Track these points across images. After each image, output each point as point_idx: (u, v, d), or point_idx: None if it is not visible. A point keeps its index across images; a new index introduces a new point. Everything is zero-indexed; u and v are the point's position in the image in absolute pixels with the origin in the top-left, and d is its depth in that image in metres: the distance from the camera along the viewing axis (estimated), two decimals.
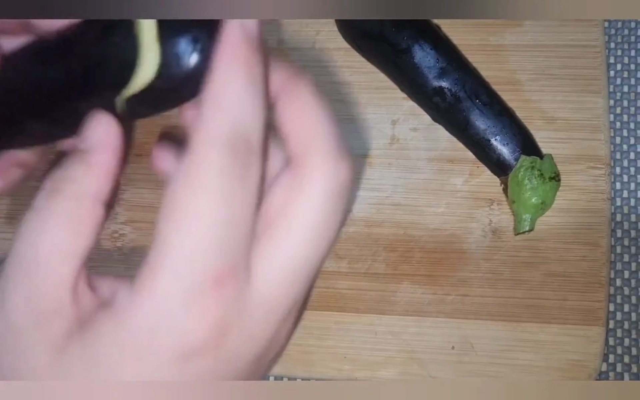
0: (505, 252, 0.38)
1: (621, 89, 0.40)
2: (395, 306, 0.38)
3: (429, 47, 0.38)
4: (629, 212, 0.39)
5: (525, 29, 0.40)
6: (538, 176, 0.36)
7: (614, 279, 0.38)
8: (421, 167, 0.39)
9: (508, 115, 0.38)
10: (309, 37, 0.42)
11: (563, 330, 0.37)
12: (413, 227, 0.39)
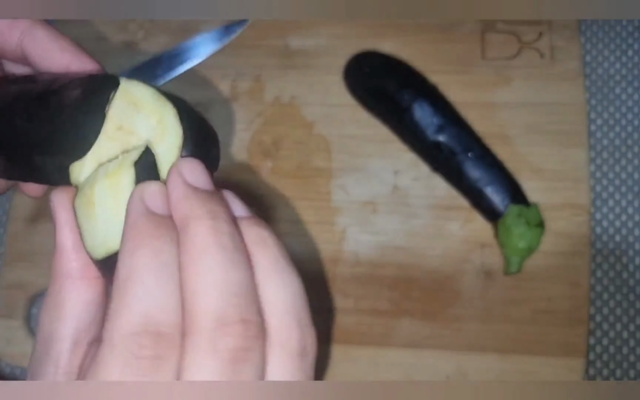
0: (496, 291, 0.40)
1: (601, 142, 0.44)
2: (396, 339, 0.40)
3: (427, 105, 0.42)
4: (608, 254, 0.42)
5: (514, 88, 0.44)
6: (525, 223, 0.39)
7: (594, 316, 0.41)
8: (421, 214, 0.42)
9: (498, 167, 0.41)
10: (319, 93, 0.45)
11: (547, 361, 0.39)
12: (413, 268, 0.41)
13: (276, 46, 0.46)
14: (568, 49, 0.44)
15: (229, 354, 0.16)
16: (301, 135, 0.44)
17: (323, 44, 0.46)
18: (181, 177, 0.18)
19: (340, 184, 0.43)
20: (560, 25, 0.45)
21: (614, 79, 0.45)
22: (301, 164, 0.44)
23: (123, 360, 0.16)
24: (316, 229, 0.42)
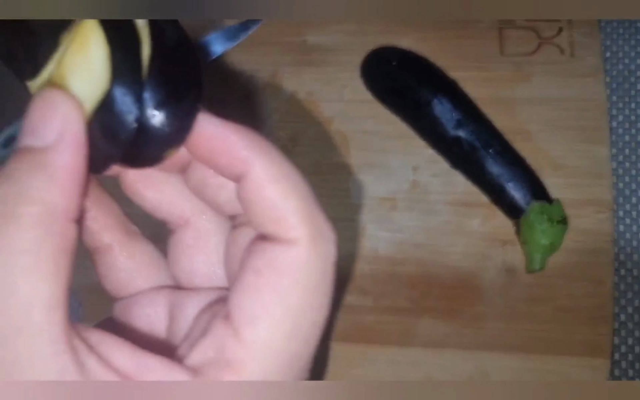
0: (518, 289, 0.40)
1: (623, 138, 0.43)
2: (417, 339, 0.40)
3: (447, 101, 0.42)
4: (632, 252, 0.41)
5: (534, 84, 0.44)
6: (547, 220, 0.39)
7: (618, 314, 0.40)
8: (440, 210, 0.42)
9: (519, 163, 0.41)
10: (336, 89, 0.45)
11: (571, 361, 0.39)
12: (433, 266, 0.41)
13: (293, 42, 0.46)
14: (588, 45, 0.44)
15: None
16: (319, 131, 0.44)
17: (340, 40, 0.46)
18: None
19: (359, 180, 0.43)
20: (580, 21, 0.44)
21: (634, 75, 0.44)
22: (319, 161, 0.44)
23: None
24: (334, 226, 0.42)
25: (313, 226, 0.16)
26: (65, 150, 0.15)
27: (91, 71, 0.16)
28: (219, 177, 0.18)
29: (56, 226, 0.14)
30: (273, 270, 0.16)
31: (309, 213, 0.16)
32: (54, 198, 0.14)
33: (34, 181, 0.14)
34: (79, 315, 0.44)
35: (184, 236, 0.20)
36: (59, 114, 0.15)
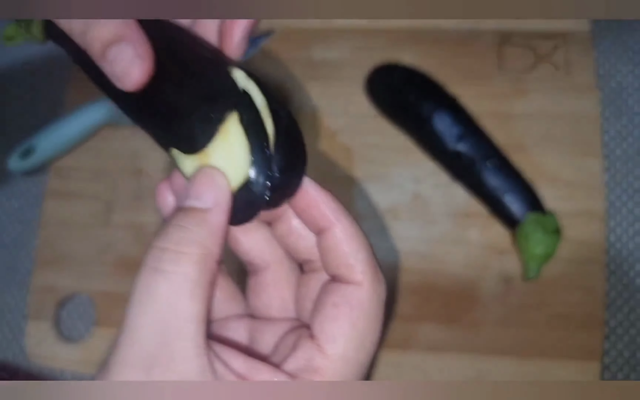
0: (514, 296, 0.42)
1: (615, 152, 0.45)
2: (418, 343, 0.41)
3: (447, 116, 0.43)
4: (623, 261, 0.43)
5: (530, 99, 0.45)
6: (542, 230, 0.40)
7: (608, 320, 0.42)
8: (441, 221, 0.43)
9: (516, 175, 0.42)
10: (341, 104, 0.46)
11: (564, 364, 0.40)
12: (433, 274, 0.42)
13: (299, 58, 0.48)
14: (582, 62, 0.46)
15: None
16: (324, 144, 0.46)
17: (345, 56, 0.47)
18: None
19: (363, 192, 0.45)
20: (575, 39, 0.46)
21: (627, 91, 0.46)
22: (324, 172, 0.45)
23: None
24: None
25: (374, 273, 0.22)
26: (220, 213, 0.21)
27: (235, 159, 0.21)
28: (301, 229, 0.23)
29: (210, 265, 0.20)
30: (347, 303, 0.21)
31: (372, 263, 0.22)
32: (210, 245, 0.20)
33: (199, 231, 0.20)
34: (93, 318, 0.46)
35: (265, 277, 0.25)
36: (217, 185, 0.21)
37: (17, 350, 0.46)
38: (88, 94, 0.48)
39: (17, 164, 0.47)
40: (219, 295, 0.25)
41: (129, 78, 0.21)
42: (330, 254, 0.22)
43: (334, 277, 0.22)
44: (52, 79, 0.52)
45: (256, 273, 0.25)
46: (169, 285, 0.19)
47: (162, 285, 0.19)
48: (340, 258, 0.22)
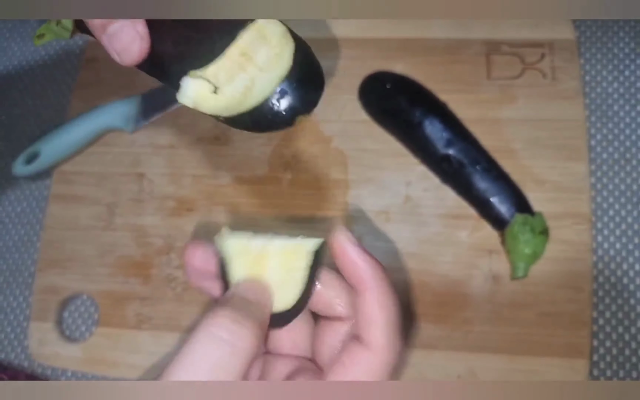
0: (503, 295, 0.43)
1: (601, 156, 0.46)
2: (410, 340, 0.42)
3: (437, 121, 0.44)
4: (609, 261, 0.44)
5: (518, 106, 0.47)
6: (530, 231, 0.41)
7: (597, 319, 0.43)
8: (431, 222, 0.45)
9: (504, 178, 0.44)
10: (336, 110, 0.48)
11: (553, 361, 0.41)
12: (425, 274, 0.43)
13: None
14: (568, 70, 0.47)
15: None
16: (319, 149, 0.47)
17: (339, 65, 0.49)
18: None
19: (356, 194, 0.46)
20: (561, 47, 0.48)
21: (612, 97, 0.48)
22: (319, 176, 0.47)
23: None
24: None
25: (390, 341, 0.24)
26: (268, 312, 0.25)
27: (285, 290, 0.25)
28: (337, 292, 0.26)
29: (258, 350, 0.23)
30: (355, 365, 0.24)
31: (392, 333, 0.24)
32: (263, 332, 0.24)
33: (261, 315, 0.24)
34: (95, 318, 0.47)
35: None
36: (269, 294, 0.25)
37: (20, 350, 0.48)
38: (91, 101, 0.50)
39: (22, 169, 0.48)
40: None
41: (129, 54, 0.23)
42: (360, 315, 0.24)
43: (356, 337, 0.24)
44: (57, 86, 0.54)
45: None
46: (229, 357, 0.22)
47: (224, 356, 0.22)
48: (367, 320, 0.24)
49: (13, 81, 0.55)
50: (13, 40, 0.57)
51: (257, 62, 0.24)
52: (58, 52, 0.56)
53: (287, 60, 0.25)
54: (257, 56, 0.24)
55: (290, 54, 0.25)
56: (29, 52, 0.56)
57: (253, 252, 0.25)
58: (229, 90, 0.24)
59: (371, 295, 0.24)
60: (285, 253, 0.25)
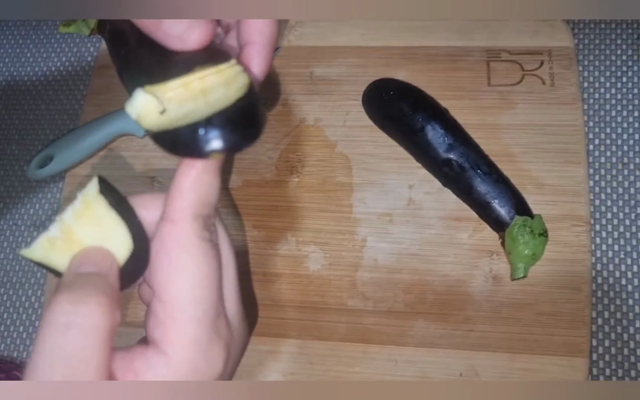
0: (504, 295, 0.43)
1: (599, 160, 0.48)
2: (412, 339, 0.43)
3: (439, 126, 0.45)
4: (608, 262, 0.45)
5: (518, 111, 0.48)
6: (529, 232, 0.42)
7: (595, 319, 0.44)
8: (433, 224, 0.46)
9: (504, 182, 0.44)
10: (340, 116, 0.50)
11: (552, 360, 0.42)
12: (427, 274, 0.45)
13: (301, 74, 0.51)
14: (567, 76, 0.48)
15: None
16: (324, 154, 0.49)
17: (344, 72, 0.51)
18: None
19: (360, 197, 0.47)
20: (560, 54, 0.49)
21: (609, 103, 0.49)
22: (325, 180, 0.48)
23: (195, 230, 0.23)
24: (338, 238, 0.46)
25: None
26: (115, 277, 0.24)
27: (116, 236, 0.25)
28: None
29: (114, 318, 0.23)
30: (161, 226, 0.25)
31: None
32: (113, 299, 0.23)
33: (104, 285, 0.23)
34: None
35: None
36: (110, 256, 0.24)
37: (32, 348, 0.49)
38: (104, 107, 0.51)
39: (35, 172, 0.50)
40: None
41: (190, 38, 0.24)
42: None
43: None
44: (70, 93, 0.56)
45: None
46: (80, 340, 0.21)
47: (73, 341, 0.21)
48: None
49: (27, 87, 0.57)
50: (26, 47, 0.58)
51: (209, 100, 0.24)
52: (70, 59, 0.57)
53: (230, 99, 0.24)
54: (213, 95, 0.24)
55: (236, 96, 0.24)
56: (42, 59, 0.58)
57: (58, 237, 0.25)
58: (174, 114, 0.23)
59: (186, 165, 0.25)
60: (81, 214, 0.25)
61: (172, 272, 0.24)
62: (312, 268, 0.46)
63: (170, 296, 0.23)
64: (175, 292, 0.23)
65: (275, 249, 0.47)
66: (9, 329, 0.50)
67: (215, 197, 0.25)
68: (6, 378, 0.47)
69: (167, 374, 0.23)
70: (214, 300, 0.24)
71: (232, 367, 0.26)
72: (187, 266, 0.24)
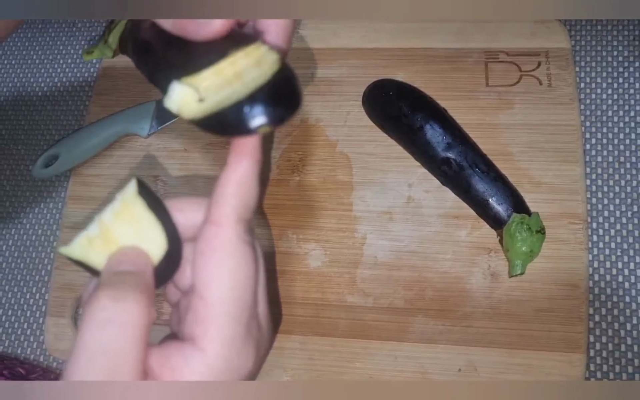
0: (502, 291, 0.44)
1: (596, 159, 0.48)
2: (412, 335, 0.44)
3: (437, 126, 0.46)
4: (604, 259, 0.46)
5: (515, 111, 0.49)
6: (527, 230, 0.43)
7: (593, 315, 0.44)
8: (432, 222, 0.46)
9: (502, 180, 0.45)
10: (341, 116, 0.50)
11: (550, 356, 0.42)
12: (426, 271, 0.45)
13: (303, 75, 0.52)
14: (564, 77, 0.49)
15: None
16: (325, 153, 0.49)
17: (344, 73, 0.51)
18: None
19: (361, 196, 0.48)
20: (557, 55, 0.50)
21: (606, 103, 0.50)
22: (325, 179, 0.49)
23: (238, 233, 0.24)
24: (339, 235, 0.47)
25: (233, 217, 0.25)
26: (150, 275, 0.25)
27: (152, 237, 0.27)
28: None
29: (150, 316, 0.24)
30: (207, 251, 0.25)
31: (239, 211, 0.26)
32: (150, 297, 0.24)
33: (142, 283, 0.24)
34: None
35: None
36: (145, 255, 0.26)
37: (36, 345, 0.50)
38: (108, 108, 0.52)
39: (40, 171, 0.51)
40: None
41: (213, 23, 0.25)
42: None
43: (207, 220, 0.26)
44: (75, 94, 0.57)
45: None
46: (119, 335, 0.22)
47: (112, 337, 0.22)
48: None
49: (33, 88, 0.58)
50: (32, 49, 0.59)
51: (245, 81, 0.25)
52: (76, 61, 0.58)
53: (266, 76, 0.25)
54: (247, 76, 0.25)
55: (270, 71, 0.25)
56: (48, 61, 0.59)
57: (97, 235, 0.26)
58: (213, 100, 0.24)
59: (230, 170, 0.26)
60: (120, 213, 0.26)
61: (217, 272, 0.24)
62: (312, 265, 0.47)
63: (214, 295, 0.24)
64: (218, 292, 0.24)
65: (277, 246, 0.47)
66: (14, 325, 0.50)
67: (255, 202, 0.27)
68: (10, 375, 0.48)
69: (204, 371, 0.24)
70: (251, 301, 0.25)
71: (259, 366, 0.27)
72: (231, 268, 0.24)
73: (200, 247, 0.25)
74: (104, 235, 0.26)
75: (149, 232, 0.26)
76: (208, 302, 0.24)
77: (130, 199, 0.26)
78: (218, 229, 0.25)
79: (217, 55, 0.25)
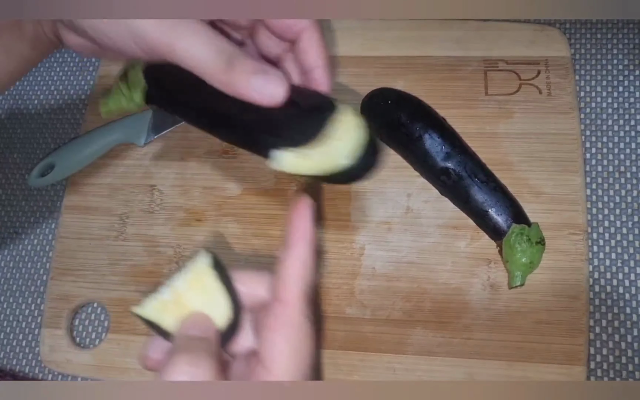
0: (501, 302, 0.44)
1: (596, 168, 0.48)
2: (410, 347, 0.43)
3: (436, 135, 0.46)
4: (605, 270, 0.45)
5: (515, 120, 0.48)
6: (527, 241, 0.42)
7: (593, 327, 0.44)
8: (431, 232, 0.46)
9: (501, 190, 0.45)
10: None
11: (550, 368, 0.42)
12: (425, 282, 0.45)
13: None
14: (563, 85, 0.49)
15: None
16: None
17: (343, 82, 0.51)
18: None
19: (359, 205, 0.48)
20: (556, 64, 0.49)
21: (606, 112, 0.49)
22: (324, 188, 0.48)
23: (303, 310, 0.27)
24: (337, 246, 0.47)
25: (301, 296, 0.28)
26: (217, 341, 0.28)
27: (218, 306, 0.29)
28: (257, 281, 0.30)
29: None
30: (277, 321, 0.27)
31: (303, 288, 0.28)
32: (216, 357, 0.27)
33: (206, 345, 0.27)
34: (106, 326, 0.48)
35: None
36: (211, 324, 0.29)
37: (31, 356, 0.49)
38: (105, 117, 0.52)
39: (36, 180, 0.50)
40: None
41: (276, 96, 0.28)
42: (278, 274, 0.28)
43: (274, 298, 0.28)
44: (71, 102, 0.56)
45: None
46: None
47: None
48: (282, 276, 0.28)
49: (29, 96, 0.57)
50: None
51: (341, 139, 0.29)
52: (72, 69, 0.58)
53: (365, 134, 0.31)
54: (344, 135, 0.29)
55: (362, 133, 0.31)
56: (44, 69, 0.58)
57: (169, 300, 0.29)
58: (317, 157, 0.29)
59: (294, 252, 0.28)
60: (192, 281, 0.29)
61: (285, 349, 0.27)
62: None
63: (281, 369, 0.26)
64: (285, 367, 0.26)
65: (274, 257, 0.47)
66: (9, 336, 0.50)
67: (314, 279, 0.29)
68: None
69: None
70: (309, 371, 0.28)
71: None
72: (297, 347, 0.27)
73: (269, 323, 0.27)
74: (177, 301, 0.29)
75: (217, 301, 0.29)
76: (274, 375, 0.26)
77: (204, 270, 0.29)
78: (285, 307, 0.27)
79: (315, 128, 0.29)
